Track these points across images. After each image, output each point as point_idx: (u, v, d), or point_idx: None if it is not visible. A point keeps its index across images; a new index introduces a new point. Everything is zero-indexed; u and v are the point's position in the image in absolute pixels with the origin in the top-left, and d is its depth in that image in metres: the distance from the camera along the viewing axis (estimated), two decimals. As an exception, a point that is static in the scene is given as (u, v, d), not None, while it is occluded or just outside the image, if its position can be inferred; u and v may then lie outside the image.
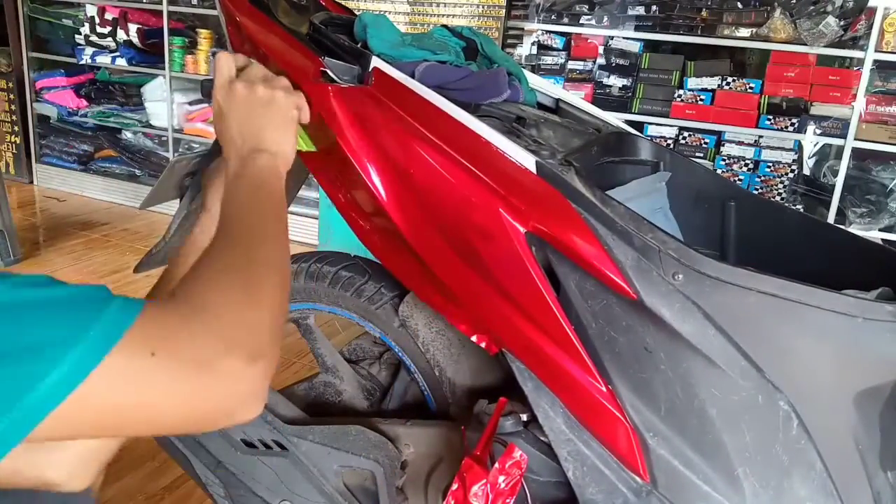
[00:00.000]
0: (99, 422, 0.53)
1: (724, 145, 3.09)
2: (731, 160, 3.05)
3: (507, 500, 0.96)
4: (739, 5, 2.95)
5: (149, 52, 3.96)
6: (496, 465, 0.97)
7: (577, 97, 1.32)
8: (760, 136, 3.02)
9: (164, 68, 3.88)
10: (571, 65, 3.24)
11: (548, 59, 3.26)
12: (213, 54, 3.73)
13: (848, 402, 0.83)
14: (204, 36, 3.78)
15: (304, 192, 3.15)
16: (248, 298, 0.63)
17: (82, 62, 4.11)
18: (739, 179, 3.03)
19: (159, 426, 0.58)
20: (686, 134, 3.14)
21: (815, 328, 0.83)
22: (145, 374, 0.53)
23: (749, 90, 2.96)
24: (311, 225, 3.52)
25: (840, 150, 2.86)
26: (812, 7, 2.77)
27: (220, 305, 0.61)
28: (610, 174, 1.17)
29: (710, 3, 2.96)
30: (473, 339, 1.08)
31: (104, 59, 4.04)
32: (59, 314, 0.52)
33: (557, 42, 3.26)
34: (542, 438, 1.01)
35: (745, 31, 2.91)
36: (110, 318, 0.52)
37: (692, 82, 3.04)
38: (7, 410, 0.47)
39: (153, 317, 0.55)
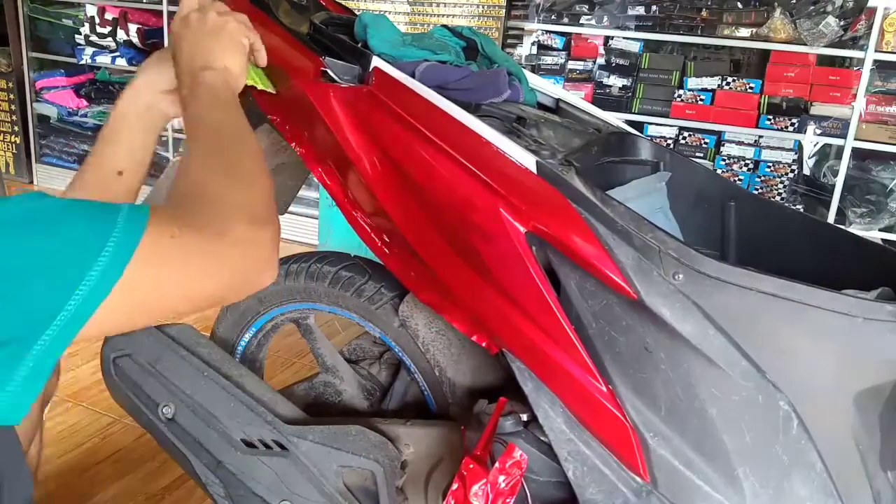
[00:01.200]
0: (143, 307, 0.59)
1: (724, 145, 3.09)
2: (731, 160, 3.05)
3: (507, 500, 0.96)
4: (739, 5, 2.95)
5: (149, 52, 3.93)
6: (496, 464, 0.97)
7: (577, 97, 1.32)
8: (760, 136, 3.02)
9: (164, 68, 3.88)
10: (571, 65, 3.23)
11: (548, 59, 3.25)
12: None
13: (848, 402, 0.83)
14: (204, 36, 3.78)
15: (304, 192, 3.14)
16: (236, 182, 0.71)
17: (82, 62, 4.10)
18: (739, 179, 3.02)
19: (195, 300, 0.64)
20: (686, 134, 3.14)
21: (816, 328, 0.83)
22: (172, 254, 0.59)
23: (749, 90, 2.96)
24: (311, 225, 3.52)
25: (840, 150, 2.86)
26: (812, 7, 2.77)
27: (215, 191, 0.68)
28: (610, 174, 1.17)
29: (710, 3, 2.96)
30: (473, 338, 1.08)
31: (104, 59, 4.03)
32: (82, 220, 0.57)
33: (557, 42, 3.26)
34: (542, 438, 1.01)
35: (745, 31, 2.91)
36: (128, 215, 0.58)
37: (692, 82, 3.04)
38: (56, 314, 0.52)
39: (162, 211, 0.61)
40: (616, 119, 1.29)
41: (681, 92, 3.05)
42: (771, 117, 2.93)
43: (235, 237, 0.65)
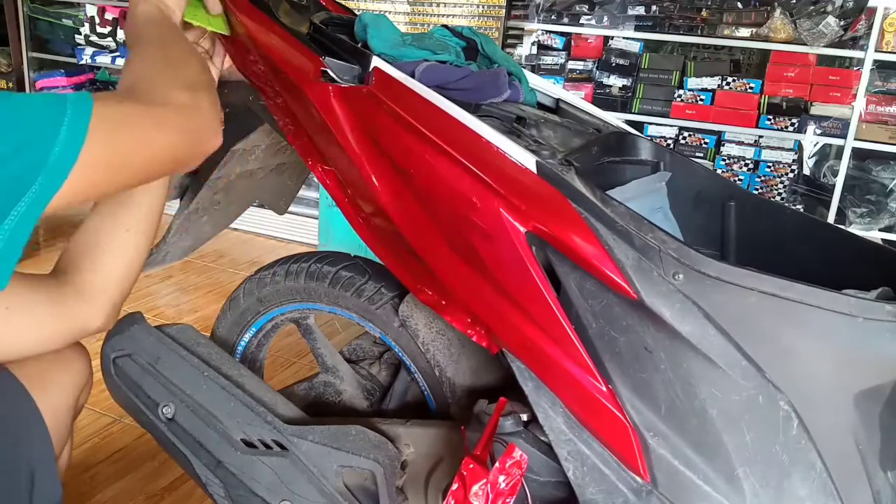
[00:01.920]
0: (109, 169, 0.68)
1: (724, 145, 3.09)
2: (731, 160, 3.05)
3: (507, 500, 0.96)
4: (739, 5, 2.95)
5: (149, 52, 3.95)
6: (496, 464, 0.97)
7: (577, 97, 1.32)
8: (760, 136, 3.02)
9: (164, 68, 3.88)
10: (571, 65, 3.23)
11: (548, 59, 3.26)
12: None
13: (848, 402, 0.83)
14: (204, 36, 3.78)
15: (304, 192, 3.14)
16: (170, 64, 0.82)
17: (82, 62, 4.10)
18: (739, 179, 3.03)
19: (154, 162, 0.74)
20: (686, 134, 3.14)
21: (816, 328, 0.83)
22: (122, 120, 0.69)
23: (749, 90, 2.96)
24: (311, 225, 3.52)
25: (840, 150, 2.86)
26: (812, 7, 2.77)
27: (151, 72, 0.78)
28: (610, 174, 1.17)
29: (710, 3, 2.96)
30: (473, 338, 1.08)
31: (104, 59, 4.03)
32: (37, 104, 0.65)
33: (557, 42, 3.26)
34: (542, 438, 1.01)
35: (745, 31, 2.91)
36: (76, 96, 0.66)
37: (692, 82, 3.04)
38: (29, 185, 0.60)
39: (105, 93, 0.70)
40: (616, 119, 1.29)
41: (681, 92, 3.05)
42: (771, 117, 2.93)
43: (176, 104, 0.74)
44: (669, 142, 3.13)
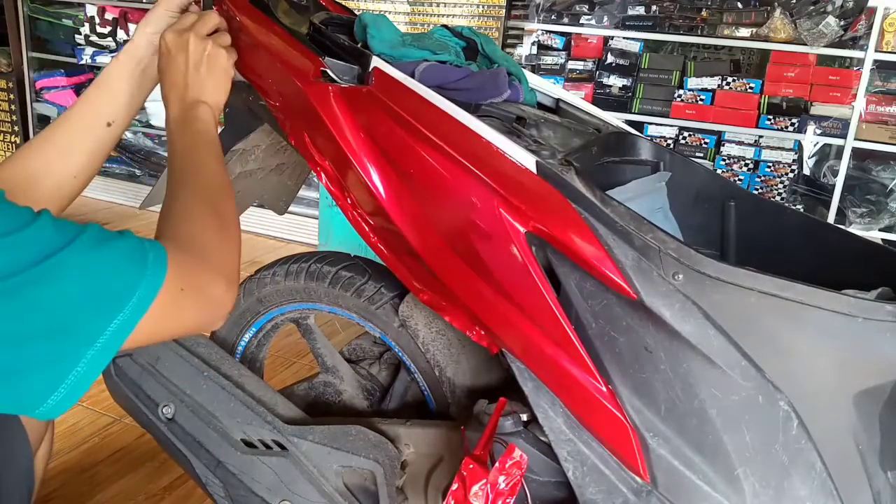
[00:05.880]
0: (144, 337, 0.68)
1: (724, 145, 3.09)
2: (731, 160, 3.05)
3: (507, 500, 0.96)
4: (739, 5, 2.95)
5: (149, 52, 3.96)
6: (496, 464, 0.97)
7: (577, 97, 1.32)
8: (760, 136, 3.02)
9: (164, 68, 3.88)
10: (571, 65, 3.23)
11: (548, 59, 3.26)
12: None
13: (848, 402, 0.83)
14: (204, 36, 3.78)
15: (304, 192, 3.15)
16: (226, 241, 0.81)
17: (82, 62, 4.10)
18: (739, 179, 3.03)
19: (169, 334, 0.75)
20: (686, 134, 3.14)
21: (815, 328, 0.83)
22: (177, 302, 0.69)
23: (749, 90, 2.96)
24: (311, 225, 3.52)
25: (840, 150, 2.86)
26: (812, 7, 2.77)
27: (212, 251, 0.78)
28: (610, 174, 1.17)
29: (710, 3, 2.96)
30: (473, 338, 1.08)
31: (104, 59, 4.03)
32: (118, 265, 0.65)
33: (557, 42, 3.26)
34: (542, 438, 1.01)
35: (745, 31, 2.91)
36: (153, 264, 0.67)
37: (692, 82, 3.04)
38: (91, 344, 0.63)
39: (175, 264, 0.69)
40: (616, 119, 1.29)
41: (681, 92, 3.05)
42: (771, 117, 2.93)
43: (215, 297, 0.75)
44: (669, 142, 3.13)
